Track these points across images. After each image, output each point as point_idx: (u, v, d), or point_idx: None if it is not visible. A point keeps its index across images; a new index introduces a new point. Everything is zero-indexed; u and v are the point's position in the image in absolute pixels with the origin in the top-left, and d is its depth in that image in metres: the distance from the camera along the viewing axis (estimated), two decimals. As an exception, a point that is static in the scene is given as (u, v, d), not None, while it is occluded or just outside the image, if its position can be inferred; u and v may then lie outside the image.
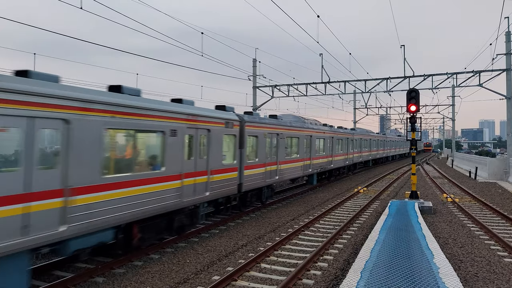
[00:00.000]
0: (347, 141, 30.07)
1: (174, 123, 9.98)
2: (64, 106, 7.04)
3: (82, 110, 7.41)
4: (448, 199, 19.30)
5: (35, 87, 6.55)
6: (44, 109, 6.69)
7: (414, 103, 17.06)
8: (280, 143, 17.41)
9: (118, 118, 8.21)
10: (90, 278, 8.08)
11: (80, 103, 7.38)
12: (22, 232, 6.22)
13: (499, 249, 10.62)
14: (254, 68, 33.51)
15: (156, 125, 9.38)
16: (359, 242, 11.13)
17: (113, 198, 8.03)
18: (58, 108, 6.94)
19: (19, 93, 6.24)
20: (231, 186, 13.12)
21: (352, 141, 31.73)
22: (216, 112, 12.48)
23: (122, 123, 8.34)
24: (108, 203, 7.93)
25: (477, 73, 29.27)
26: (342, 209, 16.60)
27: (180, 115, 10.25)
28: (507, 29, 28.31)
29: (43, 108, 6.66)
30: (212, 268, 8.84)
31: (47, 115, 6.72)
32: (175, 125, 10.01)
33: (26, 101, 6.35)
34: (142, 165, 9.22)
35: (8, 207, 6.02)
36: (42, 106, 6.67)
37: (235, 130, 13.51)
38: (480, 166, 33.87)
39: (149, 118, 9.13)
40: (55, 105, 6.89)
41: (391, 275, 7.14)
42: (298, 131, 20.17)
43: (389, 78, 31.71)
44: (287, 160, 18.37)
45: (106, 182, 7.89)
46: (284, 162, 18.00)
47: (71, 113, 7.17)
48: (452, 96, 58.34)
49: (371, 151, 40.23)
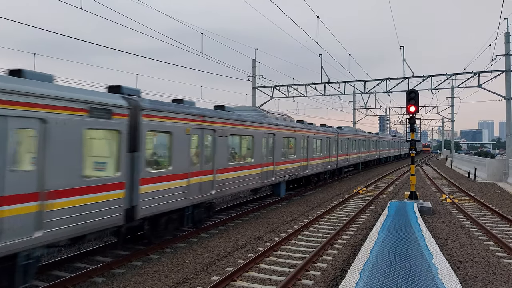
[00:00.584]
0: (329, 142, 26.07)
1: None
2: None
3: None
4: (447, 199, 19.32)
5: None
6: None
7: (414, 104, 17.08)
8: (218, 142, 12.55)
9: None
10: (89, 278, 8.08)
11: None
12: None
13: (498, 250, 10.63)
14: (254, 68, 33.55)
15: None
16: (358, 242, 11.14)
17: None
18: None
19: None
20: (107, 214, 8.12)
21: (336, 142, 28.45)
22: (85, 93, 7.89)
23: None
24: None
25: (476, 74, 29.33)
26: (341, 210, 16.60)
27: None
28: (507, 30, 28.36)
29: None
30: (211, 269, 8.84)
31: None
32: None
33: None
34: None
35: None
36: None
37: (118, 122, 8.48)
38: (479, 167, 33.90)
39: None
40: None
41: (390, 276, 7.15)
42: (252, 127, 15.11)
43: (389, 78, 31.76)
44: (232, 167, 13.49)
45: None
46: (226, 170, 13.07)
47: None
48: (452, 97, 58.47)
49: (361, 152, 35.90)
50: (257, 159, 15.43)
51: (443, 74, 30.33)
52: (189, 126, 10.91)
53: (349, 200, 19.29)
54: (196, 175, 11.31)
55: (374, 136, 43.84)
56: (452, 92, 57.59)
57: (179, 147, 10.51)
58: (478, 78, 29.34)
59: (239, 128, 13.93)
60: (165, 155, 10.24)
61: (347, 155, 30.65)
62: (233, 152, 14.13)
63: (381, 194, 21.68)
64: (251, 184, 15.06)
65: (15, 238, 6.24)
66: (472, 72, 29.40)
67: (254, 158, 15.21)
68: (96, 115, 7.84)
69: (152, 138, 9.85)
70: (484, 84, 29.35)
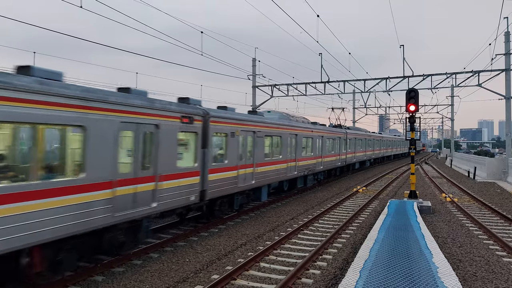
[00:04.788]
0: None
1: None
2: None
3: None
4: (447, 198, 19.34)
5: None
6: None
7: (413, 103, 17.08)
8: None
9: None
10: (90, 277, 8.09)
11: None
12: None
13: (497, 249, 10.65)
14: (254, 67, 33.55)
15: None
16: (358, 241, 11.15)
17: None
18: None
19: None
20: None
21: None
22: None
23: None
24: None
25: (476, 73, 29.32)
26: (341, 209, 16.62)
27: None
28: (506, 29, 28.36)
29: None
30: (212, 267, 8.85)
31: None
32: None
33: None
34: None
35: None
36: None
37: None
38: (479, 166, 33.92)
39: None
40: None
41: (390, 275, 7.16)
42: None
43: (389, 78, 31.75)
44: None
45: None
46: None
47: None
48: (451, 96, 58.49)
49: (340, 154, 28.37)
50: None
51: (443, 73, 30.32)
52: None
53: (349, 199, 19.30)
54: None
55: (378, 136, 45.16)
56: (452, 91, 57.61)
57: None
58: (478, 77, 29.33)
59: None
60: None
61: (321, 157, 27.95)
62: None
63: (381, 193, 21.70)
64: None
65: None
66: (472, 71, 29.39)
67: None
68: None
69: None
70: (484, 83, 29.35)
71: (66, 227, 6.99)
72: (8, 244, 6.06)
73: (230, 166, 13.04)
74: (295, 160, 19.20)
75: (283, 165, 17.85)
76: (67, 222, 7.00)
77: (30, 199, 6.36)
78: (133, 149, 8.73)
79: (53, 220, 6.75)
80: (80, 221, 7.28)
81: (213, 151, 12.09)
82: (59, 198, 6.84)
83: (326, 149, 24.56)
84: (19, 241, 6.23)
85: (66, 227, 6.99)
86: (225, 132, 12.74)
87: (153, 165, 9.28)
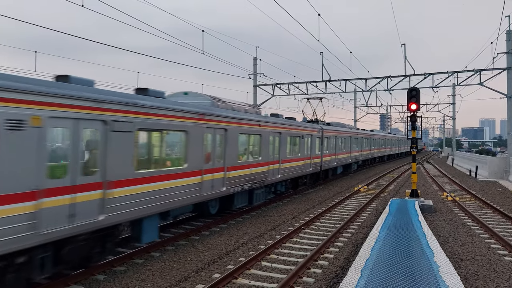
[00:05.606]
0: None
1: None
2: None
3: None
4: (449, 197, 19.31)
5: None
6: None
7: (415, 102, 17.05)
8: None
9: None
10: (91, 275, 8.10)
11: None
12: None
13: (499, 248, 10.64)
14: (255, 66, 33.53)
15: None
16: (359, 240, 11.14)
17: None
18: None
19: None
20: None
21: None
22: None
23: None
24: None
25: (477, 72, 29.25)
26: (342, 208, 16.61)
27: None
28: (508, 28, 28.27)
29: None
30: (213, 266, 8.86)
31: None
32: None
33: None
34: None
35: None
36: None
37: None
38: (481, 165, 33.87)
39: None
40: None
41: (392, 274, 7.16)
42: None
43: (390, 76, 31.71)
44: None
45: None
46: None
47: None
48: (453, 95, 58.37)
49: (312, 157, 21.78)
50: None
51: (445, 72, 30.26)
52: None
53: (350, 198, 19.30)
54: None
55: (367, 134, 39.91)
56: (453, 90, 57.52)
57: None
58: (480, 76, 29.26)
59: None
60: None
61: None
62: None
63: (382, 192, 21.68)
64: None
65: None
66: (474, 70, 29.31)
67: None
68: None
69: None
70: (485, 82, 29.28)
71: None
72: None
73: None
74: (223, 170, 12.57)
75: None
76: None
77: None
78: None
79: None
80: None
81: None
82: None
83: (287, 150, 18.12)
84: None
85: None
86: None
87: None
